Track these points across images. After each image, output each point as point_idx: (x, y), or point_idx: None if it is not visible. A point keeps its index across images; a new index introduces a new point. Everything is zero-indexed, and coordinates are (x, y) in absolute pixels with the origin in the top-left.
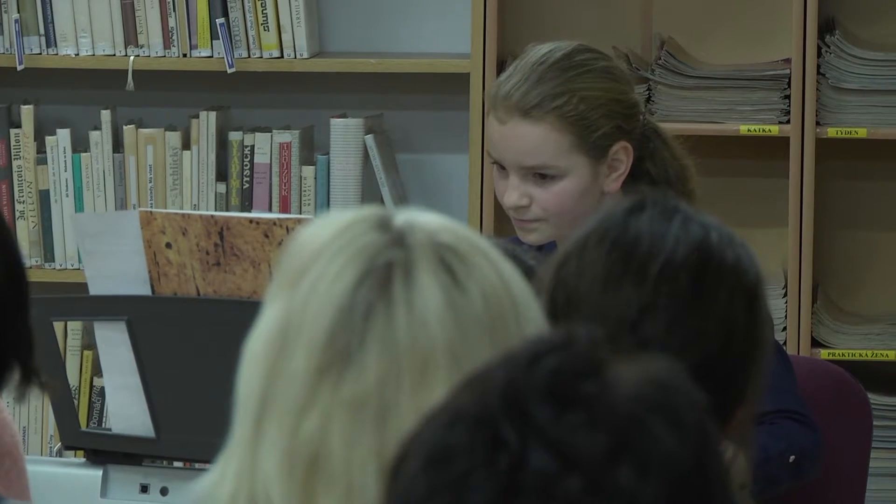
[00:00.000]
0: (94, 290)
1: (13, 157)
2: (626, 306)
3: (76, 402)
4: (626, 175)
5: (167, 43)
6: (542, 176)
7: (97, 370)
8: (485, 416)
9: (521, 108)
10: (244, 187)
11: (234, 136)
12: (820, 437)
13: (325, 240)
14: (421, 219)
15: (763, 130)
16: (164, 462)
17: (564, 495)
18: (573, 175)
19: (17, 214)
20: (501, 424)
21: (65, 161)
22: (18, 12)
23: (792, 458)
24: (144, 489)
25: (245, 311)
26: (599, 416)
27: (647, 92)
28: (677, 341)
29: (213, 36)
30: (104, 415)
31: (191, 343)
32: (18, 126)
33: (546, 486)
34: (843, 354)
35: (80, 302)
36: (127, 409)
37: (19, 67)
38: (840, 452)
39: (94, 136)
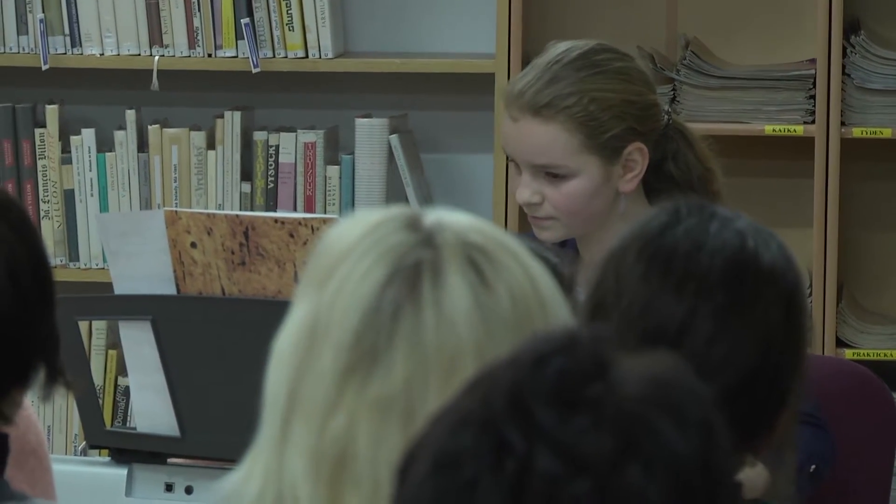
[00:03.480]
0: (118, 290)
1: (38, 157)
2: (667, 320)
3: (101, 401)
4: (641, 175)
5: (192, 43)
6: (553, 175)
7: (122, 369)
8: (490, 419)
9: (533, 107)
10: (269, 187)
11: (259, 136)
12: (833, 438)
13: (353, 239)
14: (450, 218)
15: (788, 131)
16: (189, 461)
17: (572, 498)
18: (583, 175)
19: (42, 214)
20: (507, 428)
21: (89, 161)
22: (43, 12)
23: (813, 467)
24: (169, 488)
25: (270, 311)
26: (605, 418)
27: (672, 92)
28: (719, 353)
29: (238, 36)
30: (129, 414)
31: (215, 342)
32: (43, 126)
33: (553, 489)
34: (867, 354)
35: (105, 301)
36: (152, 408)
37: (44, 67)
38: (864, 452)
39: (118, 135)
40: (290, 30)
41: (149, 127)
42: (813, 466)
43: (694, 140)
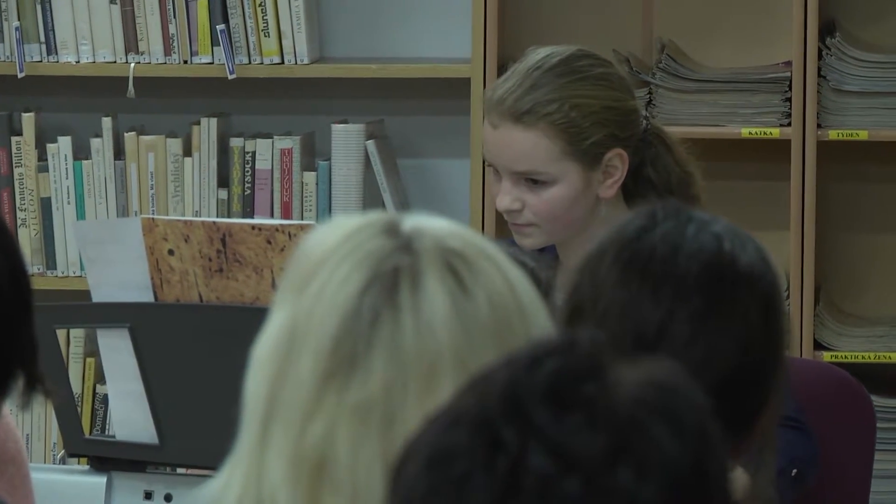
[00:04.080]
0: (96, 298)
1: (14, 165)
2: (644, 324)
3: (79, 409)
4: (621, 181)
5: (168, 50)
6: (533, 181)
7: (100, 377)
8: (485, 417)
9: (514, 114)
10: (246, 193)
11: (236, 143)
12: (816, 441)
13: (332, 245)
14: (428, 224)
15: (764, 133)
16: (168, 468)
17: (563, 496)
18: (564, 182)
19: (19, 222)
20: (501, 426)
21: (66, 168)
22: (19, 20)
23: (794, 471)
24: (148, 496)
25: (248, 318)
26: (599, 418)
27: (648, 95)
28: (697, 356)
29: (214, 42)
30: (107, 422)
31: (194, 349)
32: (19, 134)
33: (545, 487)
34: (845, 357)
35: (83, 309)
36: (130, 416)
37: (20, 75)
38: (843, 455)
39: (95, 143)
40: (265, 36)
41: (125, 134)
42: (795, 470)
43: (672, 144)
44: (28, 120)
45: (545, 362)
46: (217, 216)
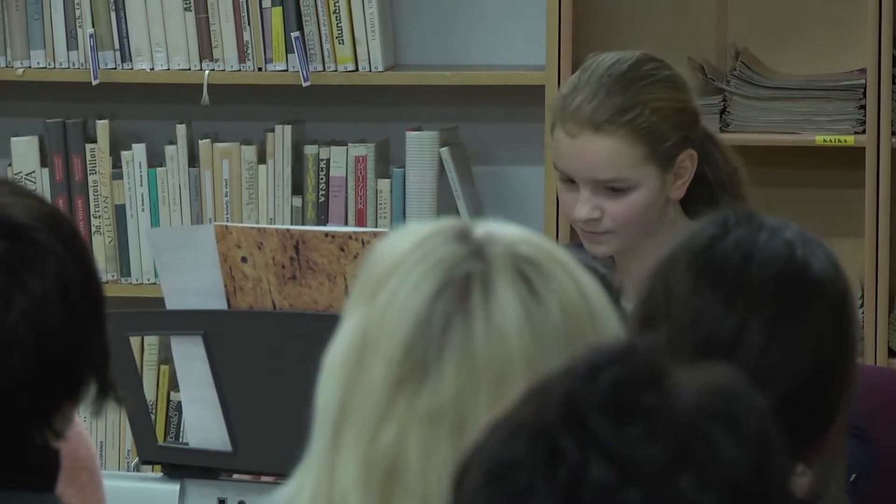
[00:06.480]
0: (170, 305)
1: (89, 173)
2: (718, 333)
3: (153, 416)
4: (689, 181)
5: (242, 57)
6: (613, 189)
7: (174, 385)
8: (544, 428)
9: (594, 123)
10: (320, 201)
11: (310, 150)
12: (875, 449)
13: (403, 251)
14: (500, 230)
15: (839, 140)
16: (242, 476)
17: None
18: (644, 186)
19: (94, 229)
20: (561, 437)
21: (140, 176)
22: (93, 27)
23: (853, 476)
24: (222, 503)
25: (321, 325)
26: (659, 427)
27: (723, 103)
28: (770, 364)
29: (288, 49)
30: (181, 429)
31: (267, 356)
32: (94, 141)
33: (606, 497)
34: None
35: (157, 316)
36: (204, 423)
37: (94, 82)
38: None
39: (169, 150)
40: (340, 43)
41: (199, 141)
42: (853, 476)
43: (721, 143)
44: (102, 127)
45: (604, 371)
46: (291, 223)
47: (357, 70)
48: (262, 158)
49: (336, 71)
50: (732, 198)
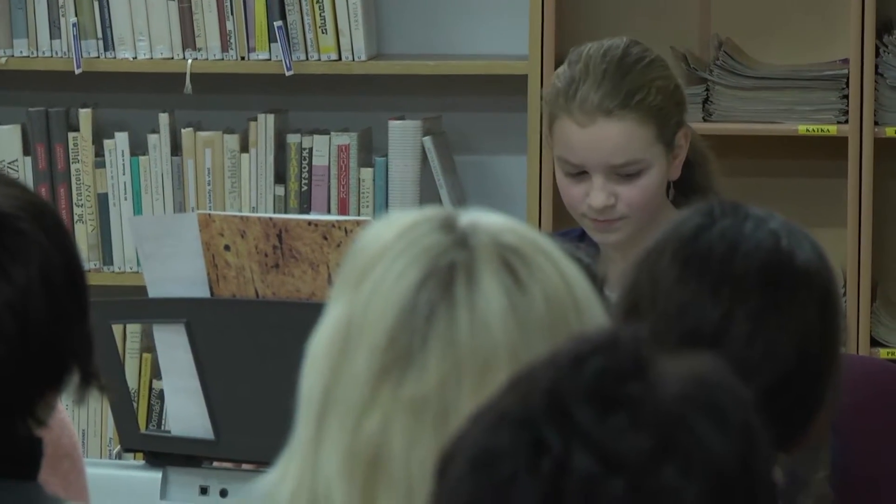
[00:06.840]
0: (153, 293)
1: (71, 161)
2: (703, 323)
3: (135, 404)
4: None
5: (225, 46)
6: (626, 173)
7: (156, 373)
8: (528, 418)
9: (604, 109)
10: (302, 189)
11: (293, 139)
12: (843, 442)
13: (388, 240)
14: (484, 219)
15: (821, 130)
16: (224, 464)
17: (608, 498)
18: (655, 167)
19: (76, 218)
20: (544, 427)
21: (123, 164)
22: (76, 16)
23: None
24: (204, 491)
25: (304, 313)
26: (643, 418)
27: (706, 92)
28: (756, 354)
29: (271, 39)
30: (163, 417)
31: (249, 345)
32: (76, 130)
33: (589, 488)
34: None
35: (139, 305)
36: (186, 412)
37: (77, 71)
38: None
39: (152, 139)
40: (323, 32)
41: (182, 130)
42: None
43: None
44: (85, 116)
45: (588, 361)
46: (274, 212)
47: (340, 59)
48: (244, 147)
49: (319, 60)
50: (705, 175)
